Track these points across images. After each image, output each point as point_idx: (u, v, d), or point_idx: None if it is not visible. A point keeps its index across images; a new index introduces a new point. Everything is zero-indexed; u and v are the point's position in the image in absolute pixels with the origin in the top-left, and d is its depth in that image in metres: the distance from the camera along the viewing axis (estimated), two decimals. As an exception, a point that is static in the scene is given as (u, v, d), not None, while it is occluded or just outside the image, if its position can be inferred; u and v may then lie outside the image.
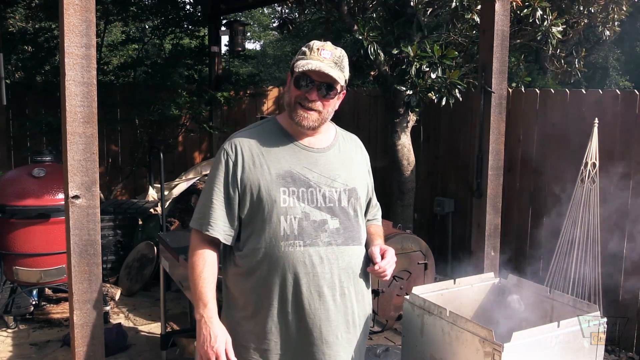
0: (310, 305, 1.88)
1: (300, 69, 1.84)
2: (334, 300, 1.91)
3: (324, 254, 1.88)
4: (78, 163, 2.27)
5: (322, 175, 1.92)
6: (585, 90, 4.60)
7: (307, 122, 1.89)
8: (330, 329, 1.91)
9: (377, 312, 3.95)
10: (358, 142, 2.15)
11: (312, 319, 1.89)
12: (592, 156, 3.90)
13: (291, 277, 1.86)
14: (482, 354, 1.98)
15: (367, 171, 2.11)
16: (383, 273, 1.94)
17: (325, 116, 1.92)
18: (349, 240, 1.93)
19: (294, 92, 1.89)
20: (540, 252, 4.88)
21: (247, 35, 19.87)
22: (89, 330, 2.33)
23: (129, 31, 8.02)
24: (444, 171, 6.03)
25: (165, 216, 5.05)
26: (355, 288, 1.97)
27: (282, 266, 1.86)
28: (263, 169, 1.88)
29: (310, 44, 1.92)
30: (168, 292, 4.42)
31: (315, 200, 1.89)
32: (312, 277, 1.87)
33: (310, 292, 1.87)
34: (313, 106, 1.87)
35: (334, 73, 1.85)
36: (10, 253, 4.23)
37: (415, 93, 4.49)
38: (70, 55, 2.22)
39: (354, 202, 1.96)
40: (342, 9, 5.06)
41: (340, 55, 1.91)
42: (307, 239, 1.86)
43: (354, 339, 1.98)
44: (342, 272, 1.91)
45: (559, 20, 4.60)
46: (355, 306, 1.98)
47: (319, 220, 1.88)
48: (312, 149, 1.95)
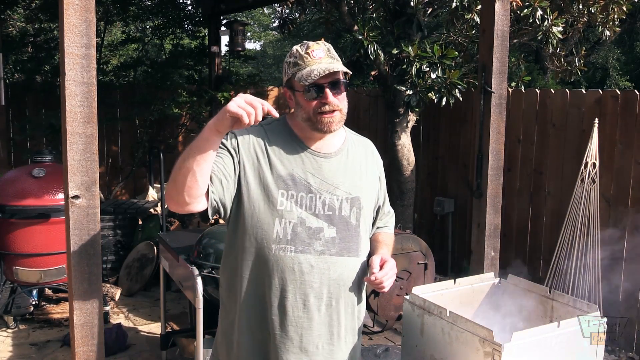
0: (293, 312, 1.83)
1: (309, 81, 1.77)
2: (318, 310, 1.85)
3: (315, 263, 1.82)
4: (78, 163, 2.27)
5: (324, 181, 1.86)
6: (585, 90, 4.60)
7: (334, 125, 1.83)
8: (311, 339, 1.86)
9: (377, 312, 3.95)
10: (370, 147, 2.07)
11: (294, 327, 1.84)
12: (592, 156, 3.90)
13: (278, 282, 1.82)
14: (482, 354, 1.97)
15: (378, 177, 2.05)
16: (380, 285, 1.85)
17: (344, 111, 1.86)
18: (344, 251, 1.86)
19: (308, 105, 1.81)
20: (540, 252, 4.89)
21: (247, 35, 19.87)
22: (89, 330, 2.32)
23: (129, 31, 8.01)
24: (444, 171, 6.03)
25: (165, 216, 5.05)
26: (345, 300, 1.90)
27: (270, 269, 1.82)
28: (266, 168, 1.83)
29: (294, 53, 1.83)
30: (168, 292, 4.42)
31: (314, 206, 1.84)
32: (300, 285, 1.82)
33: (296, 299, 1.82)
34: (334, 107, 1.81)
35: (339, 66, 1.80)
36: (10, 253, 4.23)
37: (415, 93, 4.49)
38: (70, 55, 2.22)
39: (356, 211, 1.89)
40: (342, 9, 5.06)
41: (328, 48, 1.86)
42: (299, 245, 1.81)
43: (337, 352, 1.91)
44: (332, 283, 1.85)
45: (559, 20, 4.60)
46: (343, 318, 1.91)
47: (315, 227, 1.82)
48: (318, 153, 1.89)
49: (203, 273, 2.95)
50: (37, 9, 7.05)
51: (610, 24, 5.11)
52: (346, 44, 9.95)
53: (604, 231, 3.98)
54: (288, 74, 1.85)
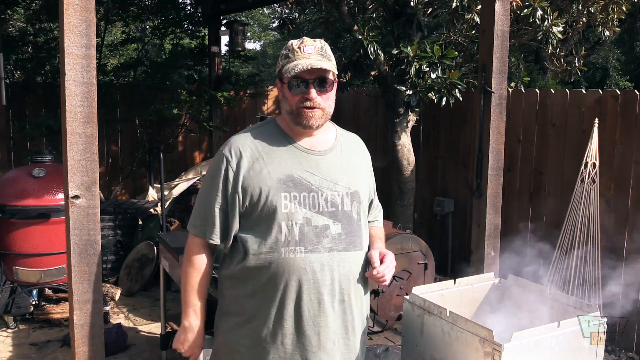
0: (309, 312, 1.84)
1: (292, 73, 1.81)
2: (332, 307, 1.87)
3: (325, 261, 1.84)
4: (78, 163, 2.27)
5: (324, 179, 1.88)
6: (585, 90, 4.60)
7: (314, 121, 1.85)
8: (328, 336, 1.88)
9: (377, 312, 3.95)
10: (359, 142, 2.10)
11: (310, 326, 1.85)
12: (592, 156, 3.90)
13: (292, 284, 1.82)
14: (482, 354, 1.98)
15: (369, 172, 2.08)
16: (382, 278, 1.90)
17: (329, 110, 1.89)
18: (351, 246, 1.89)
19: (292, 98, 1.85)
20: (540, 252, 4.88)
21: (247, 35, 19.88)
22: (89, 330, 2.33)
23: (129, 31, 8.02)
24: (444, 171, 6.03)
25: (165, 216, 5.05)
26: (355, 294, 1.92)
27: (282, 273, 1.82)
28: (263, 173, 1.84)
29: (289, 46, 1.87)
30: (168, 292, 4.42)
31: (317, 205, 1.85)
32: (313, 284, 1.83)
33: (311, 299, 1.84)
34: (315, 104, 1.83)
35: (325, 64, 1.82)
36: (10, 253, 4.23)
37: (415, 93, 4.49)
38: (70, 55, 2.22)
39: (357, 205, 1.92)
40: (342, 9, 5.06)
41: (322, 46, 1.87)
42: (308, 245, 1.82)
43: (352, 345, 1.95)
44: (342, 279, 1.87)
45: (559, 20, 4.61)
46: (355, 312, 1.94)
47: (321, 225, 1.84)
48: (313, 151, 1.91)
49: (203, 273, 2.95)
50: (38, 8, 7.05)
51: (610, 24, 5.11)
52: (346, 44, 9.96)
53: (604, 231, 3.98)
54: (279, 66, 1.89)
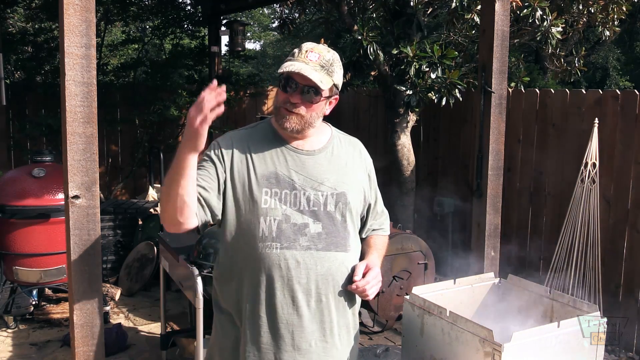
0: (282, 309, 1.83)
1: (282, 70, 1.80)
2: (308, 306, 1.84)
3: (301, 258, 1.81)
4: (78, 163, 2.27)
5: (308, 178, 1.87)
6: (585, 90, 4.60)
7: (289, 125, 1.83)
8: (303, 336, 1.84)
9: (377, 312, 3.95)
10: (358, 147, 2.06)
11: (284, 324, 1.84)
12: (592, 156, 3.90)
13: (265, 279, 1.82)
14: (482, 354, 1.98)
15: (368, 177, 2.03)
16: (363, 293, 1.86)
17: (309, 120, 1.84)
18: (331, 246, 1.85)
19: (280, 95, 1.85)
20: (540, 252, 4.89)
21: (247, 35, 19.87)
22: (89, 330, 2.33)
23: (129, 31, 8.01)
24: (444, 171, 6.03)
25: (165, 216, 5.03)
26: (335, 296, 1.88)
27: (257, 267, 1.82)
28: (249, 168, 1.85)
29: (302, 45, 1.86)
30: (168, 292, 4.42)
31: (298, 203, 1.84)
32: (287, 281, 1.81)
33: (284, 295, 1.82)
34: (294, 109, 1.81)
35: (315, 76, 1.77)
36: (10, 253, 4.23)
37: (415, 93, 4.49)
38: (70, 55, 2.22)
39: (342, 207, 1.88)
40: (342, 9, 5.06)
41: (330, 59, 1.83)
42: (284, 242, 1.81)
43: (331, 349, 1.89)
44: (319, 278, 1.83)
45: (559, 20, 4.61)
46: (334, 314, 1.88)
47: (300, 223, 1.83)
48: (301, 151, 1.90)
49: (203, 273, 2.96)
50: (37, 8, 7.06)
51: (610, 24, 5.11)
52: (346, 44, 9.95)
53: (604, 231, 3.98)
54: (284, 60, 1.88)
